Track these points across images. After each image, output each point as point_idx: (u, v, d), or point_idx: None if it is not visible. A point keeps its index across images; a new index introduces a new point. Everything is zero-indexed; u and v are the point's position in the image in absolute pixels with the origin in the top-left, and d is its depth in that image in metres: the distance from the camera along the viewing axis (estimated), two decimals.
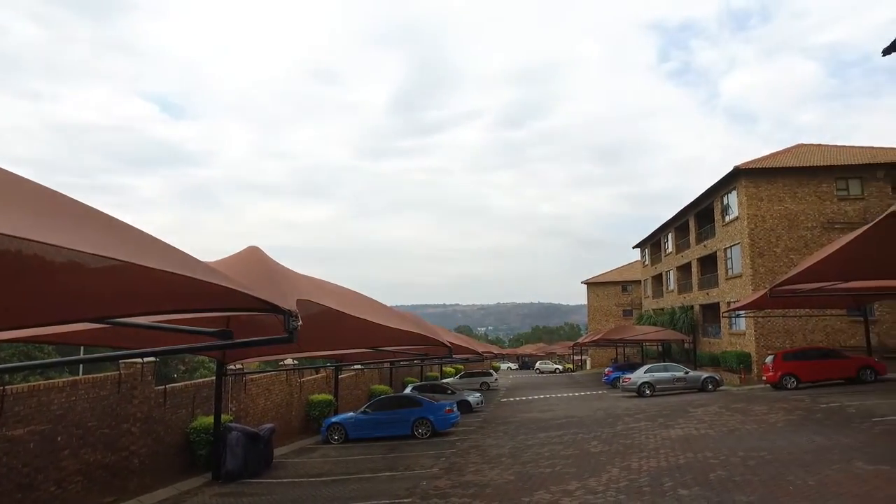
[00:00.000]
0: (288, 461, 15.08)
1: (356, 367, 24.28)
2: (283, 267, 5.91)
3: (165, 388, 12.74)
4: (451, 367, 46.13)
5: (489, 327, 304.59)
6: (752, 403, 17.89)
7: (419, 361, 27.43)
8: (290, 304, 4.03)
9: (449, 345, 11.39)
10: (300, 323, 3.97)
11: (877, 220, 12.01)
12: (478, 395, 27.61)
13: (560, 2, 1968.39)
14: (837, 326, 29.83)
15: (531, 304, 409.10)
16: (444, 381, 36.86)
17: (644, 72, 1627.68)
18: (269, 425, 14.55)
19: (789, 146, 36.84)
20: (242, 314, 5.23)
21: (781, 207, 31.21)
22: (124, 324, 4.29)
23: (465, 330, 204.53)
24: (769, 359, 23.98)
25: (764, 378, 24.23)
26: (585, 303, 70.56)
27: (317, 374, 22.68)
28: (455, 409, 19.56)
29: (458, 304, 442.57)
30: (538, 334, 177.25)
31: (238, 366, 15.38)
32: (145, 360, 11.68)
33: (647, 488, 8.37)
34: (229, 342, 4.67)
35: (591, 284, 68.75)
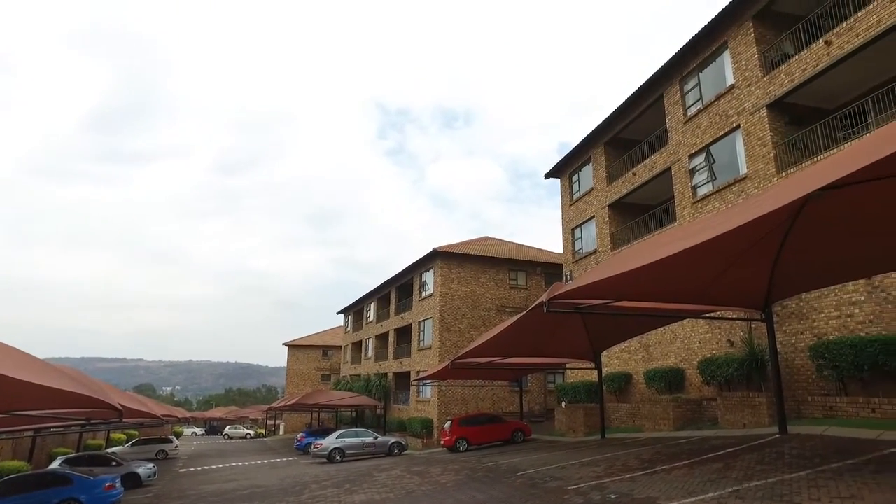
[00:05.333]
0: None
1: None
2: None
3: None
4: (121, 433, 39.57)
5: (177, 387, 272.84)
6: (430, 466, 19.42)
7: (78, 427, 22.87)
8: None
9: (119, 407, 9.80)
10: None
11: (526, 310, 14.76)
12: (151, 465, 24.10)
13: (290, 55, 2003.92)
14: (501, 395, 34.88)
15: (227, 363, 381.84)
16: (110, 450, 31.32)
17: (363, 144, 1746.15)
18: None
19: (478, 237, 43.16)
20: None
21: (468, 289, 35.93)
22: None
23: (146, 389, 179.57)
24: (447, 424, 26.54)
25: (442, 442, 26.66)
26: (286, 365, 68.95)
27: None
28: (118, 484, 16.68)
29: (141, 360, 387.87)
30: (232, 396, 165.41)
31: None
32: None
33: None
34: None
35: (293, 347, 67.75)
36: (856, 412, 13.04)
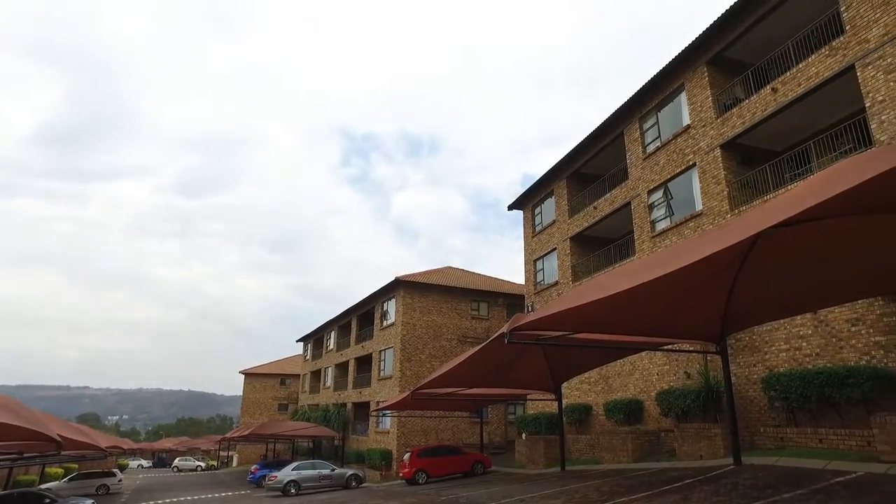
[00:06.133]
0: None
1: None
2: None
3: None
4: (58, 467, 37.47)
5: (124, 416, 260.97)
6: (388, 499, 18.96)
7: (8, 462, 21.53)
8: None
9: (58, 438, 9.28)
10: None
11: (488, 341, 14.76)
12: (90, 502, 22.86)
13: (255, 77, 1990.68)
14: (462, 426, 34.53)
15: (180, 391, 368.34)
16: (44, 486, 29.55)
17: (327, 171, 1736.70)
18: None
19: (440, 267, 43.21)
20: None
21: (429, 319, 35.77)
22: None
23: (91, 419, 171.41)
24: (406, 456, 26.06)
25: (401, 474, 26.11)
26: (241, 394, 66.89)
27: None
28: None
29: (87, 387, 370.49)
30: (183, 426, 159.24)
31: None
32: None
33: None
34: None
35: (250, 375, 65.90)
36: (805, 442, 13.38)
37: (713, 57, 18.85)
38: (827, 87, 14.85)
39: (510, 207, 31.79)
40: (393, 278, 35.59)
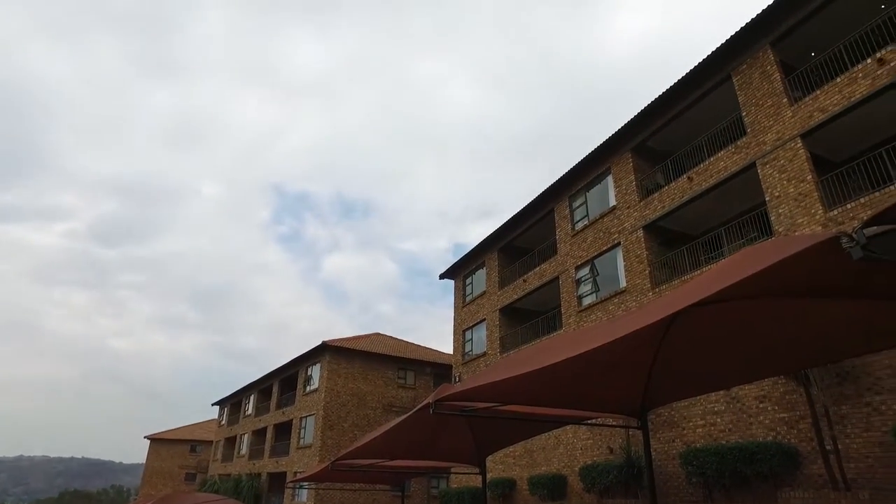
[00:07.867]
0: None
1: None
2: None
3: None
4: None
5: None
6: None
7: None
8: None
9: None
10: None
11: (412, 411, 14.45)
12: None
13: (185, 126, 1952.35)
14: (383, 500, 32.98)
15: (71, 459, 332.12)
16: None
17: (256, 228, 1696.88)
18: None
19: (369, 333, 42.44)
20: None
21: (354, 386, 34.73)
22: None
23: None
24: None
25: None
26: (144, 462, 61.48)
27: None
28: None
29: None
30: (67, 500, 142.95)
31: None
32: None
33: None
34: None
35: (156, 440, 60.83)
36: None
37: (636, 145, 20.34)
38: (734, 180, 16.29)
39: (442, 276, 32.05)
40: (319, 342, 34.60)
